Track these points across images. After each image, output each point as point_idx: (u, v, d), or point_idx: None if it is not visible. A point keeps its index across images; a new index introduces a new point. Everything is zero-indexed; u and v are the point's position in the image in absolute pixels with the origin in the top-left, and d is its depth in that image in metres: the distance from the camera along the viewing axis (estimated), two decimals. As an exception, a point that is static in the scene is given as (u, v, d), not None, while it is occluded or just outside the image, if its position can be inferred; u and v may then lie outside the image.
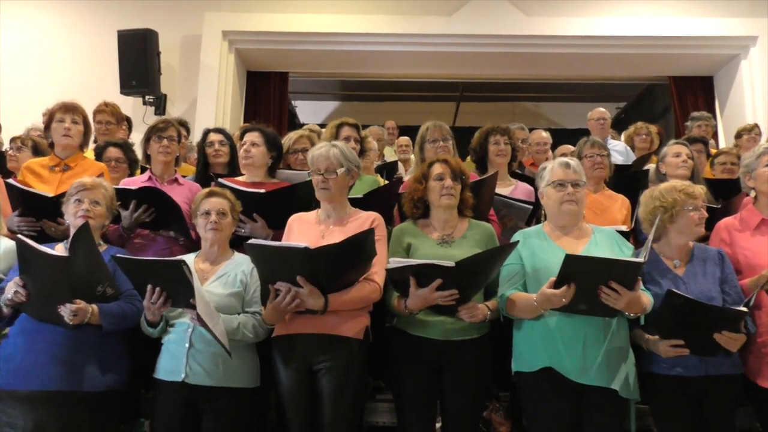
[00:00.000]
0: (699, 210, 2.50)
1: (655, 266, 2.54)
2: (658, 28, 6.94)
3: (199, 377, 2.41)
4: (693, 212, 2.49)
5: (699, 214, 2.49)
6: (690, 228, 2.50)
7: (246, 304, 2.55)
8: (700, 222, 2.49)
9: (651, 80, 8.42)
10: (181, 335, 2.46)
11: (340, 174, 2.55)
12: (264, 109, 7.59)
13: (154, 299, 2.33)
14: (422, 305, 2.35)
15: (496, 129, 3.50)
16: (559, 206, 2.46)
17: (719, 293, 2.46)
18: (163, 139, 3.23)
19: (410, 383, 2.49)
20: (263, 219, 2.86)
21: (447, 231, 2.61)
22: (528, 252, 2.46)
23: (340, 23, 6.98)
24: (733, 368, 2.42)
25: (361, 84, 9.08)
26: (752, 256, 2.58)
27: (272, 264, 2.33)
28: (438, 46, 7.12)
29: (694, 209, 2.49)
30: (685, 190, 2.53)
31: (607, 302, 2.18)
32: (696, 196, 2.52)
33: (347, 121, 3.45)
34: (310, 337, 2.41)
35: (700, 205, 2.51)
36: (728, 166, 4.06)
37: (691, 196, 2.51)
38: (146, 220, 2.98)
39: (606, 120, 5.51)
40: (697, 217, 2.49)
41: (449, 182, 2.57)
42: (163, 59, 6.77)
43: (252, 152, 3.09)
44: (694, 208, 2.49)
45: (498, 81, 8.65)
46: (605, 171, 3.45)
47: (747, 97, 6.99)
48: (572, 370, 2.27)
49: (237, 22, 6.98)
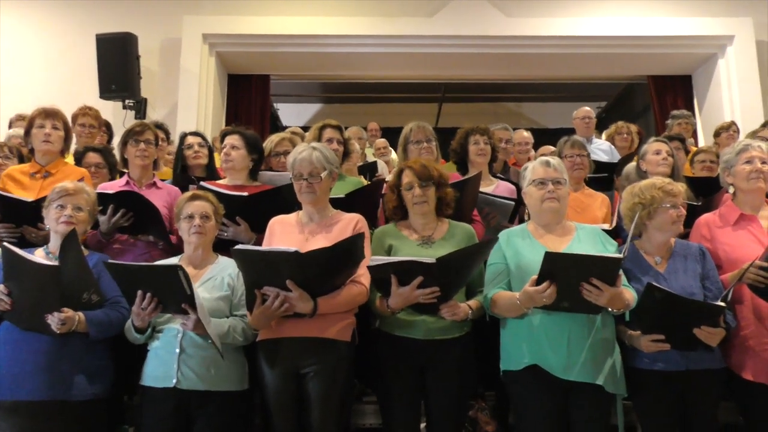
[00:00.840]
0: (677, 208, 2.52)
1: (637, 263, 2.55)
2: (636, 27, 7.01)
3: (192, 382, 2.39)
4: (671, 210, 2.51)
5: (677, 212, 2.51)
6: (667, 225, 2.53)
7: (234, 307, 2.54)
8: (678, 219, 2.52)
9: (630, 80, 8.51)
10: (170, 340, 2.44)
11: (324, 177, 2.55)
12: (246, 113, 7.56)
13: (144, 305, 2.31)
14: (404, 304, 2.36)
15: (475, 129, 3.51)
16: (540, 204, 2.48)
17: (700, 289, 2.48)
18: (140, 142, 3.20)
19: (394, 384, 2.50)
20: (246, 222, 2.84)
21: (427, 232, 2.62)
22: (512, 251, 2.47)
23: (321, 25, 6.97)
24: (714, 363, 2.44)
25: (344, 86, 9.07)
26: (731, 250, 2.60)
27: (259, 269, 2.31)
28: (419, 48, 7.13)
29: (672, 206, 2.51)
30: (663, 187, 2.56)
31: (589, 298, 2.19)
32: (675, 193, 2.54)
33: (330, 123, 3.44)
34: (296, 340, 2.40)
35: (679, 202, 2.53)
36: (707, 164, 4.09)
37: (670, 194, 2.53)
38: (124, 224, 2.95)
39: (591, 119, 5.59)
40: (674, 214, 2.51)
41: (418, 191, 2.57)
42: (142, 63, 6.70)
43: (232, 155, 3.08)
44: (672, 206, 2.52)
45: (480, 82, 8.69)
46: (585, 171, 3.49)
47: (725, 95, 7.08)
48: (558, 366, 2.29)
49: (217, 25, 6.94)
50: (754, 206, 2.69)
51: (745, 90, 6.91)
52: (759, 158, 2.65)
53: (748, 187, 2.67)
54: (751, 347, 2.48)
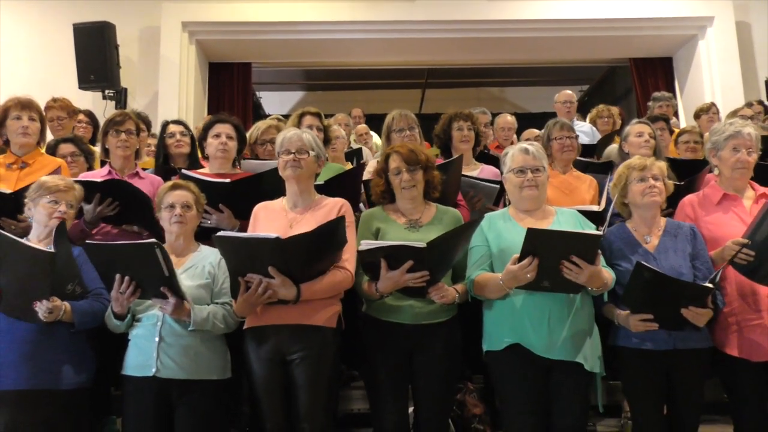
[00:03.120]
0: (646, 180, 2.55)
1: (627, 242, 2.58)
2: (617, 10, 7.04)
3: (171, 371, 2.38)
4: (638, 183, 2.55)
5: (645, 185, 2.55)
6: (637, 198, 2.57)
7: (215, 295, 2.52)
8: (647, 192, 2.54)
9: (612, 62, 8.57)
10: (149, 329, 2.43)
11: (311, 156, 2.54)
12: (228, 101, 7.53)
13: (122, 289, 2.30)
14: (393, 287, 2.35)
15: (459, 115, 3.49)
16: (519, 191, 2.49)
17: (689, 269, 2.50)
18: (121, 132, 3.15)
19: (381, 369, 2.50)
20: (229, 209, 2.82)
21: (414, 216, 2.61)
22: (494, 234, 2.48)
23: (302, 12, 6.93)
24: (701, 342, 2.46)
25: (326, 73, 9.04)
26: (715, 229, 2.62)
27: (242, 256, 2.30)
28: (401, 33, 7.13)
29: (639, 180, 2.55)
30: (630, 163, 2.60)
31: (569, 276, 2.21)
32: (641, 167, 2.57)
33: (309, 110, 3.44)
34: (282, 327, 2.39)
35: (649, 174, 2.55)
36: (691, 144, 4.12)
37: (636, 168, 2.57)
38: (110, 214, 2.91)
39: (572, 103, 5.62)
40: (642, 187, 2.54)
41: (406, 176, 2.56)
42: (121, 52, 6.62)
43: (229, 146, 3.06)
44: (640, 179, 2.55)
45: (463, 67, 8.70)
46: (574, 153, 3.50)
47: (705, 76, 7.16)
48: (539, 345, 2.31)
49: (196, 12, 6.88)
50: (738, 188, 2.70)
51: (725, 71, 6.98)
52: (746, 147, 2.64)
53: (732, 176, 2.68)
54: (735, 323, 2.51)
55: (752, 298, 2.49)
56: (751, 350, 2.46)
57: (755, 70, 7.15)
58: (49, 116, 4.08)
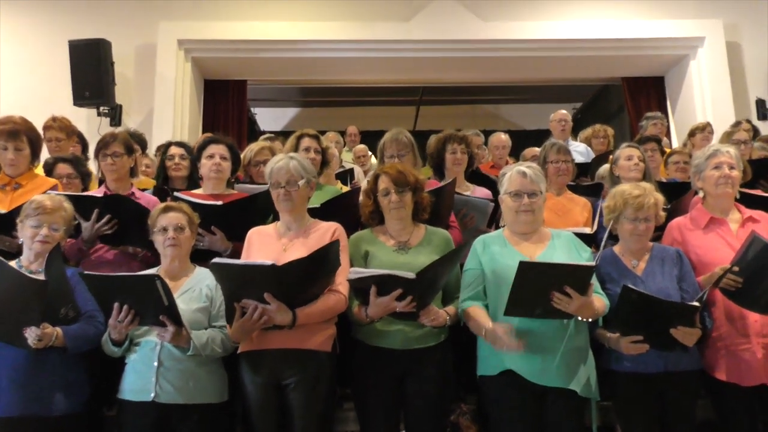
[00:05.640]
0: (637, 222, 2.54)
1: (615, 266, 2.60)
2: (610, 30, 7.12)
3: (170, 395, 2.37)
4: (630, 223, 2.56)
5: (634, 226, 2.55)
6: (626, 235, 2.59)
7: (212, 318, 2.52)
8: (635, 232, 2.55)
9: (605, 81, 8.64)
10: (148, 353, 2.42)
11: (302, 186, 2.55)
12: (223, 118, 7.54)
13: (121, 317, 2.29)
14: (382, 313, 2.36)
15: (452, 137, 3.48)
16: (515, 215, 2.50)
17: (677, 291, 2.53)
18: (107, 156, 3.14)
19: (372, 393, 2.50)
20: (222, 231, 2.82)
21: (403, 238, 2.62)
22: (488, 257, 2.49)
23: (298, 30, 6.97)
24: (691, 364, 2.49)
25: (322, 90, 9.07)
26: (703, 254, 2.65)
27: (237, 282, 2.31)
28: (396, 52, 7.17)
29: (631, 220, 2.55)
30: (628, 198, 2.56)
31: (559, 306, 2.22)
32: (638, 207, 2.53)
33: (307, 132, 3.43)
34: (277, 351, 2.40)
35: (642, 216, 2.54)
36: (681, 165, 4.15)
37: (632, 206, 2.54)
38: (108, 232, 2.90)
39: (567, 122, 5.68)
40: (632, 227, 2.55)
41: (395, 197, 2.57)
42: (117, 69, 6.65)
43: (223, 166, 3.07)
44: (633, 219, 2.55)
45: (457, 85, 8.74)
46: (569, 177, 3.54)
47: (696, 96, 7.21)
48: (532, 372, 2.31)
49: (193, 30, 6.91)
50: (724, 210, 2.74)
51: (716, 90, 7.05)
52: (727, 164, 2.70)
53: (716, 192, 2.72)
54: (724, 348, 2.53)
55: (740, 323, 2.51)
56: (740, 375, 2.48)
57: (746, 90, 7.22)
58: (47, 136, 4.09)
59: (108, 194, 2.94)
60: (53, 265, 2.37)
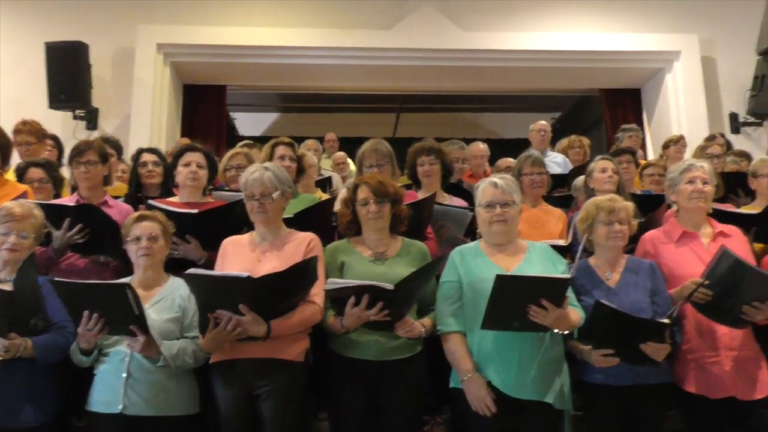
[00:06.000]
0: (612, 224, 2.60)
1: (589, 278, 2.62)
2: (588, 42, 7.20)
3: (139, 407, 2.34)
4: (604, 226, 2.61)
5: (610, 229, 2.60)
6: (602, 240, 2.63)
7: (185, 329, 2.49)
8: (612, 235, 2.60)
9: (583, 92, 8.71)
10: (116, 365, 2.39)
11: (276, 197, 2.54)
12: (202, 123, 7.48)
13: (90, 326, 2.26)
14: (356, 323, 2.36)
15: (421, 149, 3.47)
16: (489, 226, 2.51)
17: (649, 304, 2.56)
18: (81, 164, 3.09)
19: (346, 404, 2.49)
20: (197, 240, 2.80)
21: (380, 249, 2.62)
22: (465, 269, 2.49)
23: (278, 37, 6.95)
24: (660, 377, 2.51)
25: (301, 96, 9.05)
26: (675, 267, 2.69)
27: (212, 293, 2.29)
28: (377, 60, 7.18)
29: (606, 223, 2.61)
30: (600, 203, 2.65)
31: (535, 319, 2.23)
32: (609, 209, 2.62)
33: (282, 140, 3.42)
34: (250, 361, 2.38)
35: (615, 219, 2.61)
36: (656, 177, 4.21)
37: (604, 210, 2.62)
38: (79, 241, 2.86)
39: (546, 132, 5.72)
40: (607, 230, 2.60)
41: (374, 207, 2.57)
42: (94, 72, 6.58)
43: (199, 174, 3.05)
44: (607, 222, 2.61)
45: (437, 93, 8.77)
46: (543, 189, 3.57)
47: (672, 109, 7.32)
48: (508, 384, 2.31)
49: (172, 34, 6.86)
50: (696, 224, 2.78)
51: (690, 104, 7.15)
52: (701, 179, 2.74)
53: (689, 206, 2.76)
54: (694, 360, 2.56)
55: (710, 336, 2.55)
56: (709, 387, 2.51)
57: (720, 104, 7.34)
58: (17, 140, 4.03)
59: (80, 203, 2.90)
60: (26, 274, 2.33)
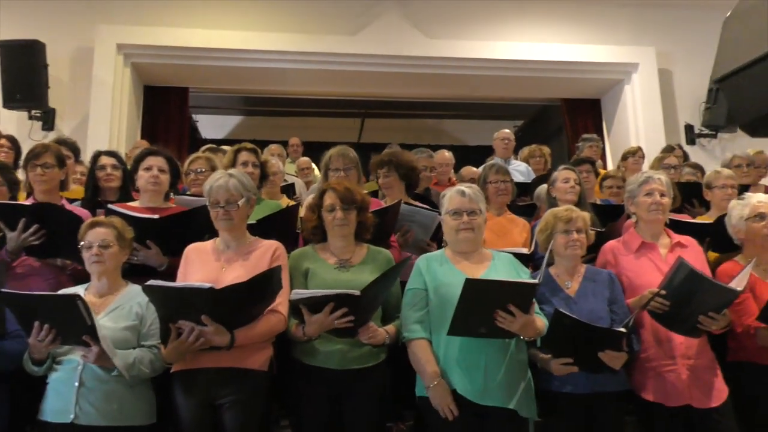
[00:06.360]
0: (569, 233, 2.66)
1: (549, 287, 2.66)
2: (550, 53, 7.32)
3: (91, 417, 2.28)
4: (562, 235, 2.67)
5: (568, 238, 2.66)
6: (561, 249, 2.68)
7: (143, 337, 2.44)
8: (570, 245, 2.66)
9: (545, 101, 8.84)
10: (69, 373, 2.33)
11: (241, 205, 2.51)
12: (163, 125, 7.36)
13: (41, 337, 2.20)
14: (319, 330, 2.34)
15: (378, 162, 3.48)
16: (455, 234, 2.53)
17: (607, 313, 2.61)
18: (37, 167, 3.01)
19: (309, 413, 2.47)
20: (157, 246, 2.74)
21: (345, 256, 2.61)
22: (431, 276, 2.50)
23: (242, 40, 6.88)
24: (618, 385, 2.56)
25: (265, 100, 8.96)
26: (634, 277, 2.74)
27: (173, 304, 2.25)
28: (341, 65, 7.17)
29: (563, 232, 2.67)
30: (558, 213, 2.71)
31: (502, 325, 2.25)
32: (567, 219, 2.68)
33: (245, 146, 3.39)
34: (212, 371, 2.35)
35: (573, 228, 2.67)
36: (614, 189, 4.30)
37: (561, 220, 2.68)
38: (35, 243, 2.77)
39: (510, 141, 5.81)
40: (566, 240, 2.66)
41: (340, 214, 2.56)
42: (51, 72, 6.40)
43: (161, 179, 2.99)
44: (564, 231, 2.66)
45: (402, 99, 8.81)
46: (508, 197, 3.61)
47: (630, 119, 7.50)
48: (474, 391, 2.32)
49: (133, 35, 6.72)
50: (654, 235, 2.84)
51: (648, 114, 7.34)
52: (658, 191, 2.80)
53: (648, 218, 2.82)
54: (651, 369, 2.61)
55: (667, 345, 2.61)
56: (666, 395, 2.56)
57: (676, 115, 7.55)
58: None
59: (36, 203, 2.81)
60: None
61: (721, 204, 3.51)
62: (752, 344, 2.68)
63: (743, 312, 2.68)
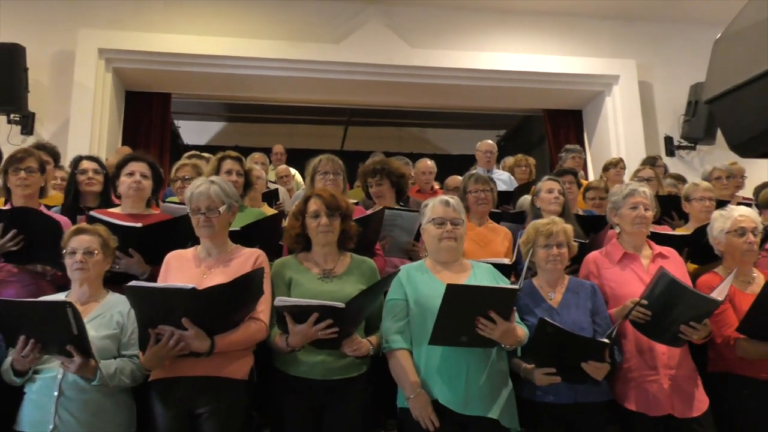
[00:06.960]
0: (550, 248, 2.67)
1: (532, 297, 2.67)
2: (532, 64, 7.39)
3: (71, 428, 2.24)
4: (543, 249, 2.68)
5: (549, 252, 2.66)
6: (542, 263, 2.69)
7: (123, 346, 2.41)
8: (551, 259, 2.66)
9: (527, 112, 8.92)
10: (48, 383, 2.29)
11: (223, 212, 2.49)
12: (145, 130, 7.28)
13: (26, 352, 2.17)
14: (303, 341, 2.31)
15: (371, 171, 3.53)
16: (438, 243, 2.53)
17: (590, 324, 2.62)
18: (20, 170, 2.97)
19: (290, 423, 2.44)
20: (140, 254, 2.71)
21: (329, 266, 2.59)
22: (411, 287, 2.50)
23: (226, 46, 6.84)
24: (600, 395, 2.57)
25: (248, 106, 8.94)
26: (617, 287, 2.76)
27: (154, 306, 2.21)
28: (325, 73, 7.16)
29: (545, 246, 2.67)
30: (539, 227, 2.71)
31: (483, 332, 2.25)
32: (547, 234, 2.68)
33: (230, 154, 3.37)
34: (191, 379, 2.31)
35: (554, 242, 2.67)
36: (597, 201, 4.34)
37: (542, 234, 2.68)
38: (13, 248, 2.72)
39: (493, 153, 5.82)
40: (546, 254, 2.67)
41: (325, 220, 2.55)
42: (31, 76, 6.28)
43: (143, 185, 2.96)
44: (545, 245, 2.67)
45: (385, 107, 8.83)
46: (489, 206, 3.60)
47: (611, 130, 7.58)
48: (457, 401, 2.32)
49: (115, 40, 6.66)
50: (637, 246, 2.87)
51: (628, 126, 7.43)
52: (643, 204, 2.84)
53: (632, 230, 2.85)
54: (633, 379, 2.63)
55: (649, 355, 2.62)
56: (648, 405, 2.57)
57: (656, 126, 7.66)
58: None
59: (15, 207, 2.76)
60: None
61: (699, 216, 3.56)
62: (732, 355, 2.71)
63: (723, 323, 2.71)
